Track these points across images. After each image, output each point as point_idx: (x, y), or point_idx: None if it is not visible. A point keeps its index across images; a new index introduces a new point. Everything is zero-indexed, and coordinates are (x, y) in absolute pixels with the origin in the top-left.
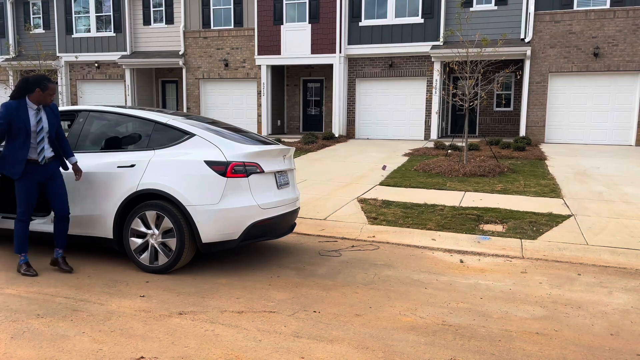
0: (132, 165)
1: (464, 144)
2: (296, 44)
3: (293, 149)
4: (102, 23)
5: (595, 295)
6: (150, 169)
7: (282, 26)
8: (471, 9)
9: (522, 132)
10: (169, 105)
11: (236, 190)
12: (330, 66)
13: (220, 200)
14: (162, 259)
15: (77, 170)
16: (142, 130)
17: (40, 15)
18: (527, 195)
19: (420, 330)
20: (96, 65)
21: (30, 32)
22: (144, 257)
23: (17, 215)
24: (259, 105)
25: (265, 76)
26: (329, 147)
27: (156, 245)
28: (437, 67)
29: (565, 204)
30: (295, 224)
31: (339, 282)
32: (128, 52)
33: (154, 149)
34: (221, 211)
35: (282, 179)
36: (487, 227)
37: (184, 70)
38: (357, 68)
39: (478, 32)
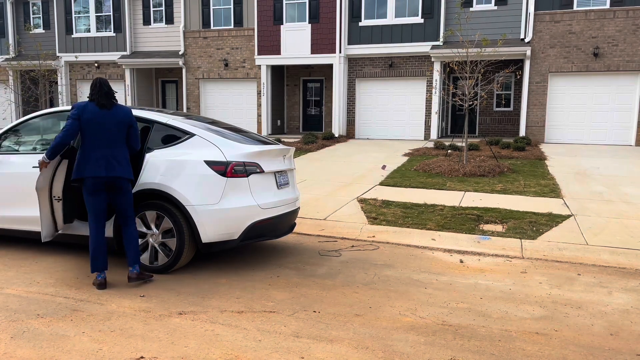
0: None
1: (463, 144)
2: (296, 44)
3: (293, 149)
4: (102, 23)
5: (595, 295)
6: (150, 168)
7: (282, 26)
8: (471, 9)
9: (522, 132)
10: (169, 105)
11: (236, 190)
12: (330, 66)
13: (220, 200)
14: (162, 259)
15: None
16: (142, 130)
17: (40, 15)
18: (527, 195)
19: (420, 330)
20: (96, 65)
21: (30, 32)
22: (144, 257)
23: (133, 222)
24: (259, 105)
25: (265, 76)
26: (329, 147)
27: (156, 245)
28: (437, 67)
29: (565, 204)
30: (295, 224)
31: (338, 282)
32: (128, 52)
33: (153, 149)
34: (221, 211)
35: (282, 179)
36: (487, 227)
37: (184, 70)
38: (357, 68)
39: (478, 32)
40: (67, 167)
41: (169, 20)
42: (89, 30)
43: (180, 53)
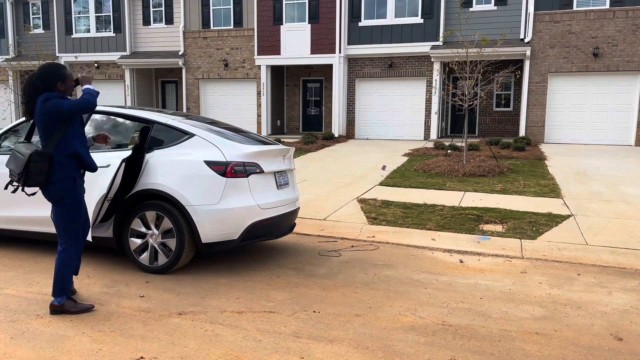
0: None
1: (463, 144)
2: (296, 44)
3: (293, 149)
4: (101, 23)
5: (595, 295)
6: (149, 169)
7: (281, 26)
8: (471, 9)
9: (522, 132)
10: (168, 105)
11: (236, 190)
12: (330, 66)
13: (220, 200)
14: (162, 259)
15: None
16: (142, 130)
17: (40, 16)
18: (526, 195)
19: (420, 330)
20: (96, 65)
21: (30, 32)
22: (144, 257)
23: (61, 243)
24: (259, 105)
25: (265, 76)
26: (329, 147)
27: (156, 246)
28: (436, 67)
29: (565, 204)
30: (295, 224)
31: (338, 282)
32: (128, 52)
33: (153, 149)
34: (221, 211)
35: (281, 179)
36: (487, 227)
37: (183, 71)
38: (357, 68)
39: (478, 32)
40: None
41: (169, 20)
42: (88, 31)
43: (180, 53)
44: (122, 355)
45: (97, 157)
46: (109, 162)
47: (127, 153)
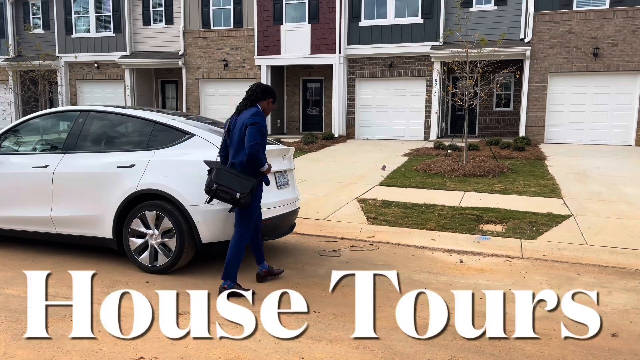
0: (132, 166)
1: (463, 144)
2: (296, 44)
3: (293, 149)
4: (101, 23)
5: (595, 296)
6: (150, 169)
7: (281, 26)
8: (471, 9)
9: (522, 132)
10: (168, 105)
11: None
12: (330, 66)
13: None
14: (162, 259)
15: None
16: (142, 130)
17: (40, 16)
18: (526, 195)
19: (420, 330)
20: (96, 65)
21: (30, 32)
22: (144, 258)
23: (245, 231)
24: None
25: (265, 76)
26: (329, 147)
27: (156, 246)
28: (436, 67)
29: (565, 204)
30: (295, 224)
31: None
32: (128, 52)
33: (153, 149)
34: (221, 211)
35: (281, 179)
36: (487, 227)
37: (183, 71)
38: (357, 68)
39: (477, 32)
40: None
41: (169, 20)
42: (88, 31)
43: (180, 53)
44: (122, 355)
45: (120, 157)
46: (133, 162)
47: (147, 153)
